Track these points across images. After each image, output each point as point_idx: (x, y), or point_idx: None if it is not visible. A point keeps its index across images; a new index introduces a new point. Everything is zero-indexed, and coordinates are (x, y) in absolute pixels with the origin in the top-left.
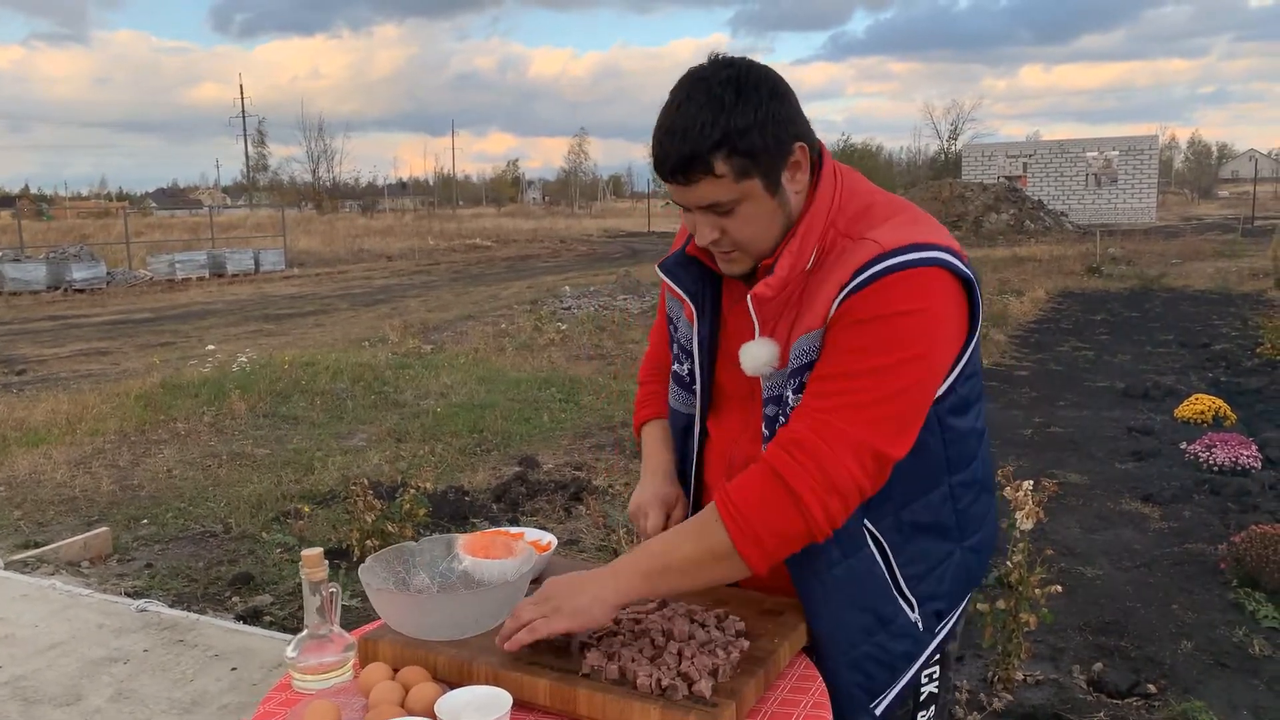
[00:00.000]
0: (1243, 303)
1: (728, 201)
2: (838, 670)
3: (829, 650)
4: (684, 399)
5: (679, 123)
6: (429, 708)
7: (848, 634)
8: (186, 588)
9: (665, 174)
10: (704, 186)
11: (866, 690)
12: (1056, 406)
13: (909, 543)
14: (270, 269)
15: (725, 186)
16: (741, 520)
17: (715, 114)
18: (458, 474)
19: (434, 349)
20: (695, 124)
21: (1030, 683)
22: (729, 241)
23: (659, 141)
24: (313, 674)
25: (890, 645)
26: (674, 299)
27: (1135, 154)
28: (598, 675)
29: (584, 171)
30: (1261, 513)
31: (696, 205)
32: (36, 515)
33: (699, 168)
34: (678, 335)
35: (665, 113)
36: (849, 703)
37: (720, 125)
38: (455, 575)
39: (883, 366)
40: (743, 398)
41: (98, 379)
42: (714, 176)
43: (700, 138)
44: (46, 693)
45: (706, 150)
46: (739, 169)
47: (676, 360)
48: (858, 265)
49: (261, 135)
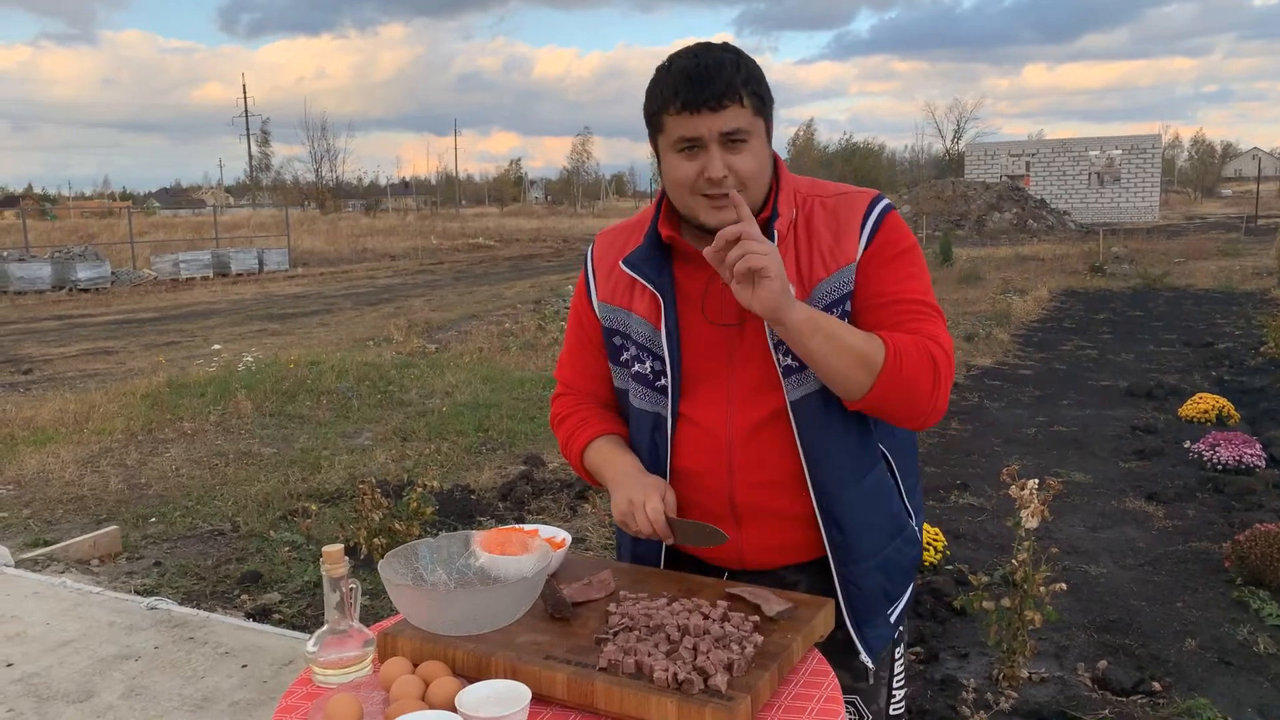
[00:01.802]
0: (1246, 301)
1: (745, 131)
2: (868, 573)
3: (861, 554)
4: (651, 398)
5: (707, 61)
6: (449, 701)
7: (875, 538)
8: (195, 586)
9: (697, 103)
10: (730, 113)
11: (886, 595)
12: (1060, 405)
13: (903, 458)
14: (274, 269)
15: (746, 117)
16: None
17: (737, 59)
18: (463, 473)
19: (438, 348)
20: (725, 62)
21: (1035, 680)
22: (734, 179)
23: (688, 76)
24: (333, 668)
25: (905, 550)
26: (618, 309)
27: (1138, 153)
28: (615, 669)
29: (587, 171)
30: (1265, 511)
31: (720, 131)
32: (45, 514)
33: (731, 95)
34: (633, 338)
35: (686, 59)
36: (873, 605)
37: (744, 67)
38: (472, 571)
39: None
40: (715, 371)
41: (104, 378)
42: (740, 106)
43: (732, 71)
44: (59, 689)
45: (739, 81)
46: (754, 106)
47: (634, 363)
48: (863, 209)
49: (265, 135)
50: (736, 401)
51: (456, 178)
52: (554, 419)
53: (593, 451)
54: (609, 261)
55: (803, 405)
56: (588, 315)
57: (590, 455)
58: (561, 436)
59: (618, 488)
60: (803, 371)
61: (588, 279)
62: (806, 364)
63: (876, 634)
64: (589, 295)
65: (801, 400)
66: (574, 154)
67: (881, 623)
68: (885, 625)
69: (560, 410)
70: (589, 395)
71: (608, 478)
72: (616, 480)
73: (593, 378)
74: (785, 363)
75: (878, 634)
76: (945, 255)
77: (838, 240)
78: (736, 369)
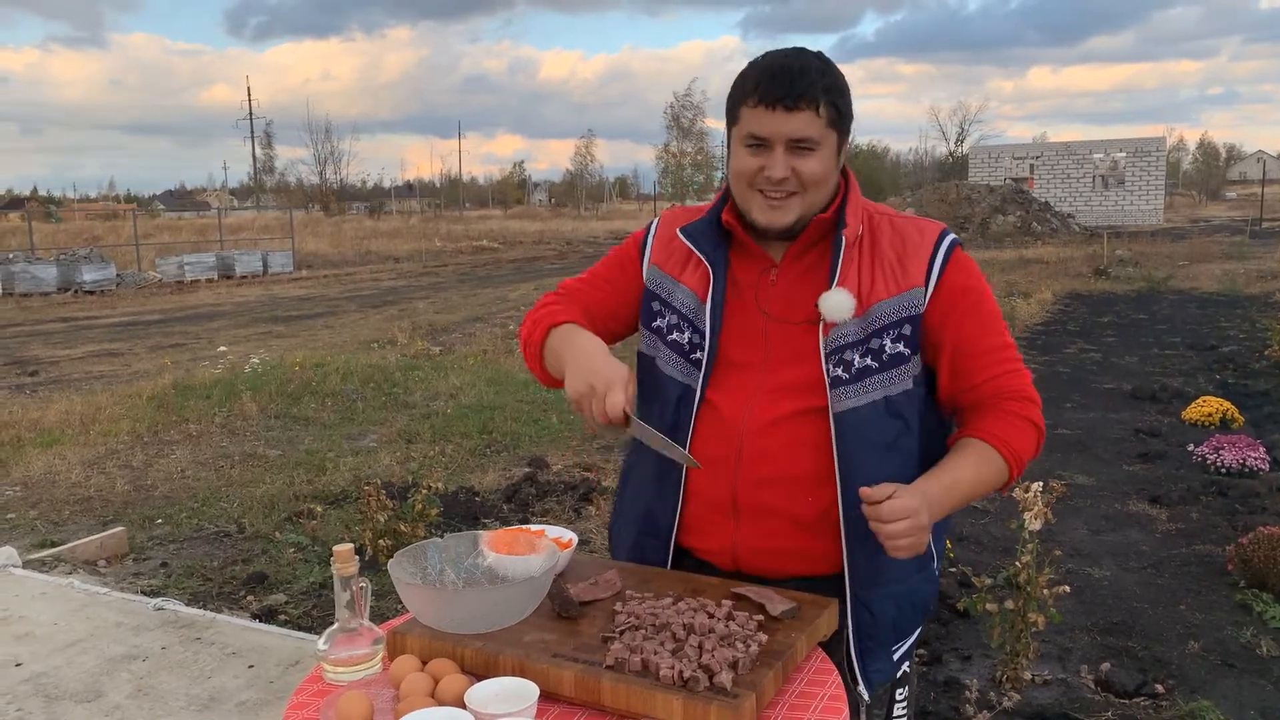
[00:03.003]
0: (1250, 305)
1: (815, 139)
2: (883, 600)
3: (882, 579)
4: (683, 368)
5: (794, 62)
6: (459, 698)
7: (901, 565)
8: (202, 587)
9: (773, 99)
10: (803, 117)
11: (895, 628)
12: (1064, 408)
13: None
14: (278, 271)
15: (819, 126)
16: (1014, 452)
17: (824, 67)
18: (468, 475)
19: (443, 351)
20: (811, 67)
21: (1038, 682)
22: (795, 181)
23: (771, 73)
24: (344, 666)
25: (920, 589)
26: (666, 276)
27: (1143, 155)
28: (621, 667)
29: (590, 173)
30: (1269, 514)
31: (789, 135)
32: (52, 515)
33: (808, 99)
34: (675, 306)
35: (773, 58)
36: (881, 636)
37: (829, 76)
38: (480, 571)
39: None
40: (750, 364)
41: (110, 380)
42: (815, 113)
43: (816, 76)
44: (67, 689)
45: (820, 89)
46: (830, 117)
47: (673, 330)
48: (933, 239)
49: (269, 137)
50: (761, 396)
51: (460, 180)
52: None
53: (558, 333)
54: (669, 232)
55: (849, 417)
56: (632, 265)
57: (554, 336)
58: (529, 321)
59: (576, 367)
60: (852, 384)
61: (646, 238)
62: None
63: (877, 669)
64: (642, 252)
65: (848, 413)
66: (577, 156)
67: (884, 657)
68: (887, 661)
69: (539, 303)
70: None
71: (566, 356)
72: (576, 359)
73: (595, 300)
74: (835, 373)
75: (878, 669)
76: None
77: (902, 262)
78: (772, 365)
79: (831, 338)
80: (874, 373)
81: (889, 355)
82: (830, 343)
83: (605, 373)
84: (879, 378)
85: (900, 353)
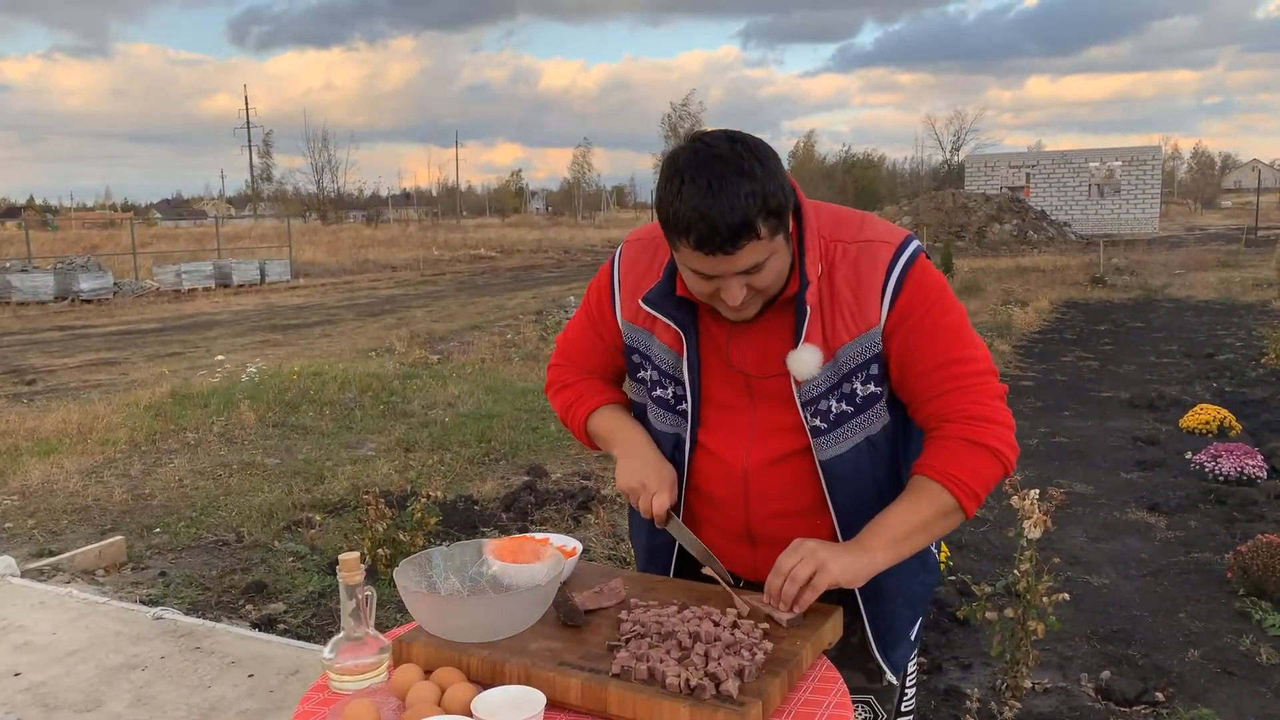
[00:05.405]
0: (1247, 313)
1: (764, 260)
2: (896, 610)
3: (889, 594)
4: (670, 420)
5: (724, 201)
6: (465, 707)
7: (903, 577)
8: (201, 596)
9: (714, 247)
10: (747, 251)
11: (909, 621)
12: (1061, 416)
13: None
14: (276, 279)
15: (764, 247)
16: (960, 483)
17: (751, 184)
18: (467, 483)
19: (441, 359)
20: (739, 196)
21: (1039, 691)
22: (752, 296)
23: (705, 220)
24: (349, 674)
25: (927, 579)
26: (640, 329)
27: (1138, 164)
28: (628, 675)
29: (588, 182)
30: (1267, 522)
31: (737, 271)
32: (50, 524)
33: (747, 234)
34: (654, 362)
35: (700, 194)
36: (899, 631)
37: (759, 193)
38: (485, 579)
39: (965, 339)
40: (737, 407)
41: (107, 389)
42: (757, 240)
43: (747, 206)
44: (66, 699)
45: (754, 216)
46: (772, 228)
47: (656, 386)
48: (885, 265)
49: (267, 146)
50: (757, 438)
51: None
52: (551, 385)
53: (599, 418)
54: (635, 277)
55: (835, 465)
56: (607, 326)
57: (596, 422)
58: (561, 401)
59: (630, 462)
60: (832, 432)
61: (613, 288)
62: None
63: (900, 654)
64: (613, 305)
65: (834, 460)
66: (574, 165)
67: (904, 644)
68: (907, 644)
69: (559, 378)
70: (589, 373)
71: (617, 445)
72: (628, 453)
73: (597, 363)
74: (814, 424)
75: (901, 654)
76: (946, 266)
77: (859, 301)
78: (758, 407)
79: (805, 389)
80: (851, 417)
81: (861, 398)
82: (804, 394)
83: (653, 474)
84: (858, 420)
85: (873, 393)
